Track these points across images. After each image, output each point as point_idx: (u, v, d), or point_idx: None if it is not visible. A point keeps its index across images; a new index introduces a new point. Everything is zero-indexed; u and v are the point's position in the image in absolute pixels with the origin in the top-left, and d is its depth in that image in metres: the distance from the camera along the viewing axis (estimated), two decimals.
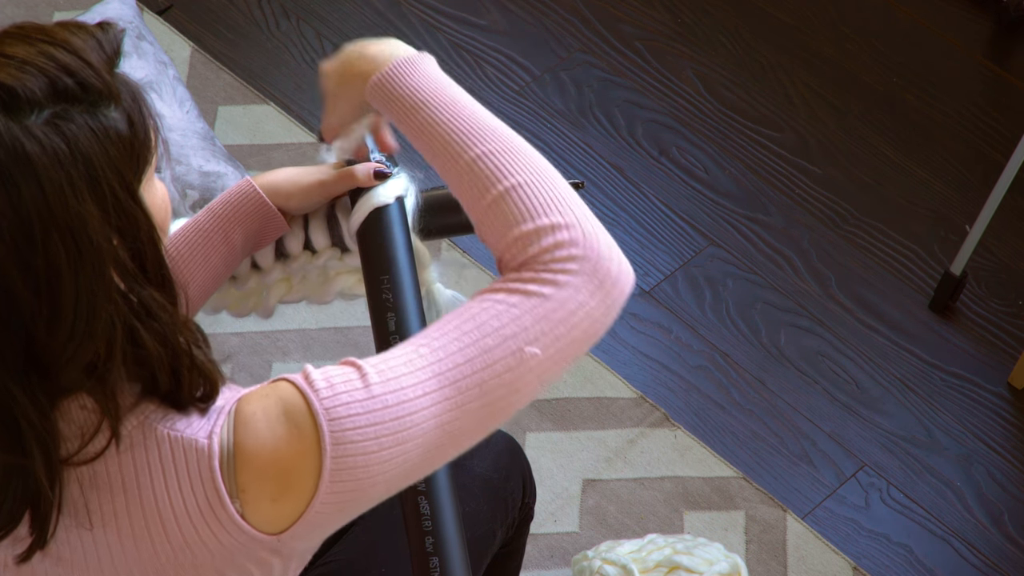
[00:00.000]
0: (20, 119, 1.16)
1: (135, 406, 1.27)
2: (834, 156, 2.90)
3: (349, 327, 2.61)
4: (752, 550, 2.42)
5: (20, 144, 1.16)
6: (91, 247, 1.19)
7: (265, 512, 1.27)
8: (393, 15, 3.06)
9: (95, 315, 1.20)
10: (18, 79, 1.17)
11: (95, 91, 1.20)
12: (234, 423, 1.27)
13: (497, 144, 1.36)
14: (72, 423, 1.26)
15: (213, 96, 2.89)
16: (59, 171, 1.17)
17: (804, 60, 3.03)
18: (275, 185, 1.64)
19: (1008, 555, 2.46)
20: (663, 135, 2.92)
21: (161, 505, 1.26)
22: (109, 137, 1.20)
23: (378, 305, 1.59)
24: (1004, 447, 2.57)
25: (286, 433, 1.26)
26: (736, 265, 2.75)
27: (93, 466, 1.27)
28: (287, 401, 1.27)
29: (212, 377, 1.30)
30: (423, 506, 1.53)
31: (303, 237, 1.69)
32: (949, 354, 2.67)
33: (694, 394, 2.60)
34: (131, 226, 1.22)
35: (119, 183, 1.20)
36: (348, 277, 1.73)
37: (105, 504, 1.27)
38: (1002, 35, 3.09)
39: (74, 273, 1.18)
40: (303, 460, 1.26)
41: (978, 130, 2.95)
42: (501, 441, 1.81)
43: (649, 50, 3.03)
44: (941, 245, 2.80)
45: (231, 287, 1.73)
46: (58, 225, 1.17)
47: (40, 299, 1.18)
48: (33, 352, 1.21)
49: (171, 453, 1.26)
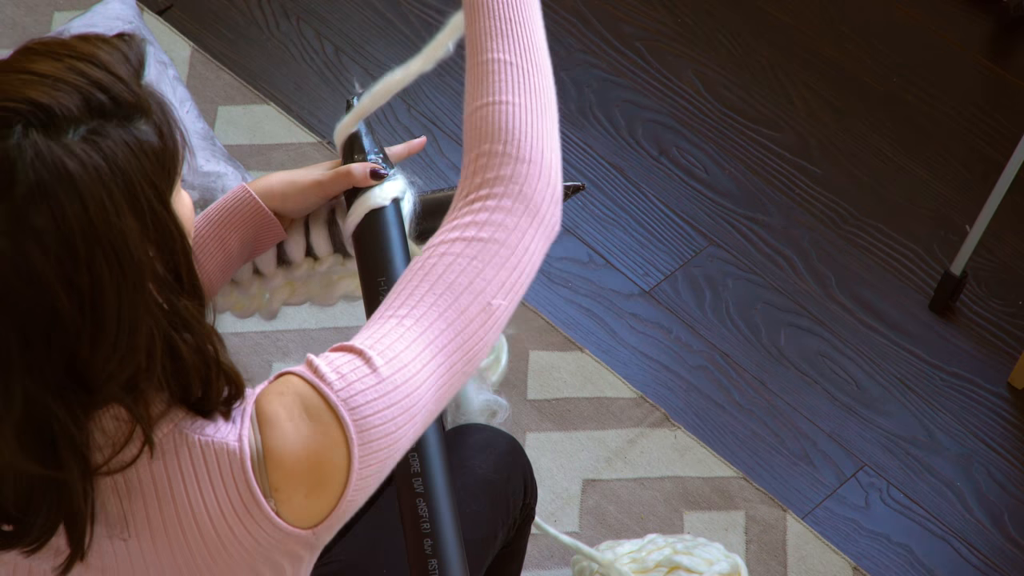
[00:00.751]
0: (59, 138, 1.17)
1: (165, 414, 1.28)
2: (834, 156, 2.91)
3: (349, 327, 2.61)
4: (752, 550, 2.42)
5: (62, 163, 1.16)
6: (132, 262, 1.19)
7: (299, 508, 1.28)
8: (393, 15, 3.06)
9: (137, 329, 1.21)
10: (53, 97, 1.17)
11: (128, 105, 1.20)
12: (259, 424, 1.29)
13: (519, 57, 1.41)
14: (104, 433, 1.26)
15: (213, 96, 2.89)
16: (100, 188, 1.17)
17: (804, 60, 3.03)
18: (270, 188, 1.65)
19: (1008, 555, 2.46)
20: (663, 135, 2.92)
21: (196, 509, 1.27)
22: (144, 151, 1.20)
23: (375, 307, 1.59)
24: (1004, 447, 2.57)
25: (311, 430, 1.27)
26: (736, 265, 2.76)
27: (126, 475, 1.27)
28: (304, 397, 1.28)
29: (239, 381, 1.31)
30: (421, 508, 1.53)
31: (305, 244, 1.69)
32: (949, 354, 2.67)
33: (694, 394, 2.60)
34: (167, 238, 1.23)
35: (155, 196, 1.21)
36: (351, 281, 1.73)
37: (139, 512, 1.28)
38: (1002, 35, 3.09)
39: (116, 288, 1.19)
40: (332, 453, 1.27)
41: (978, 130, 2.95)
42: (502, 442, 1.81)
43: (649, 50, 3.03)
44: (941, 245, 2.80)
45: (234, 292, 1.73)
46: (101, 241, 1.17)
47: (84, 316, 1.19)
48: (74, 369, 1.21)
49: (203, 457, 1.27)
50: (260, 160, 2.81)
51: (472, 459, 1.77)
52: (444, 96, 2.95)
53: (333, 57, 2.99)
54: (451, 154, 2.87)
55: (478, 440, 1.79)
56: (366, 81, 2.97)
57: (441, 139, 2.89)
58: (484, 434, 1.80)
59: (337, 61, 2.99)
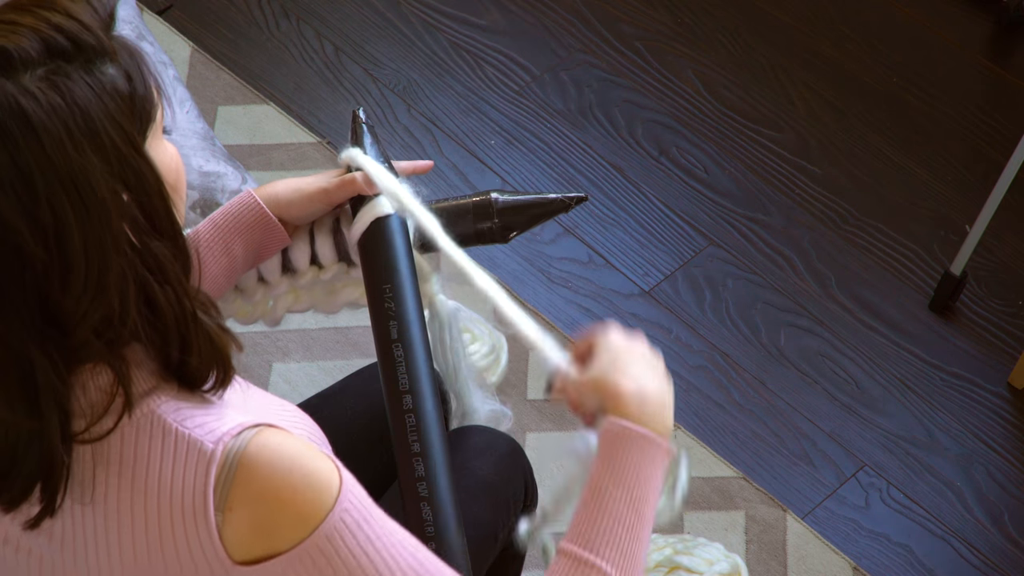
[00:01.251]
0: (15, 78, 1.19)
1: (152, 391, 1.28)
2: (834, 156, 2.91)
3: (349, 327, 2.61)
4: (752, 550, 2.43)
5: (15, 100, 1.18)
6: (95, 198, 1.20)
7: (241, 536, 1.28)
8: (393, 15, 3.06)
9: (107, 267, 1.22)
10: (11, 40, 1.19)
11: (89, 48, 1.22)
12: (251, 439, 1.28)
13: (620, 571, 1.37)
14: (86, 399, 1.27)
15: (213, 96, 2.89)
16: (56, 123, 1.19)
17: (804, 60, 3.03)
18: (276, 195, 1.66)
19: (1008, 555, 2.46)
20: (663, 135, 2.92)
21: (150, 496, 1.27)
22: (107, 92, 1.22)
23: (380, 314, 1.59)
24: (1004, 447, 2.57)
25: (301, 486, 1.27)
26: (736, 265, 2.76)
27: (101, 442, 1.28)
28: (324, 470, 1.29)
29: (223, 351, 1.31)
30: (425, 512, 1.53)
31: (309, 252, 1.70)
32: (949, 354, 2.67)
33: (694, 394, 2.60)
34: (137, 180, 1.23)
35: (120, 136, 1.22)
36: (355, 289, 1.73)
37: (102, 481, 1.28)
38: (1002, 35, 3.09)
39: (81, 224, 1.20)
40: (295, 521, 1.27)
41: (978, 130, 2.95)
42: (503, 444, 1.81)
43: (649, 50, 3.03)
44: (941, 245, 2.80)
45: (238, 298, 1.73)
46: (60, 176, 1.19)
47: (50, 253, 1.19)
48: (48, 310, 1.22)
49: (174, 447, 1.27)
50: (260, 160, 2.81)
51: (472, 461, 1.78)
52: (444, 96, 2.95)
53: (333, 57, 2.99)
54: (451, 154, 2.87)
55: (479, 442, 1.79)
56: (366, 81, 2.97)
57: (441, 139, 2.89)
58: (485, 436, 1.80)
59: (337, 61, 2.99)
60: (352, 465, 1.77)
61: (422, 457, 1.53)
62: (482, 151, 2.88)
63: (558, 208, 1.70)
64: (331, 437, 1.80)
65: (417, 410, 1.56)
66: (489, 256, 2.72)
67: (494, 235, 1.69)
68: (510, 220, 1.69)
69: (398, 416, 1.57)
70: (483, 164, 2.86)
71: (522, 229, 1.70)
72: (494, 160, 2.87)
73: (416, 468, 1.53)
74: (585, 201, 1.73)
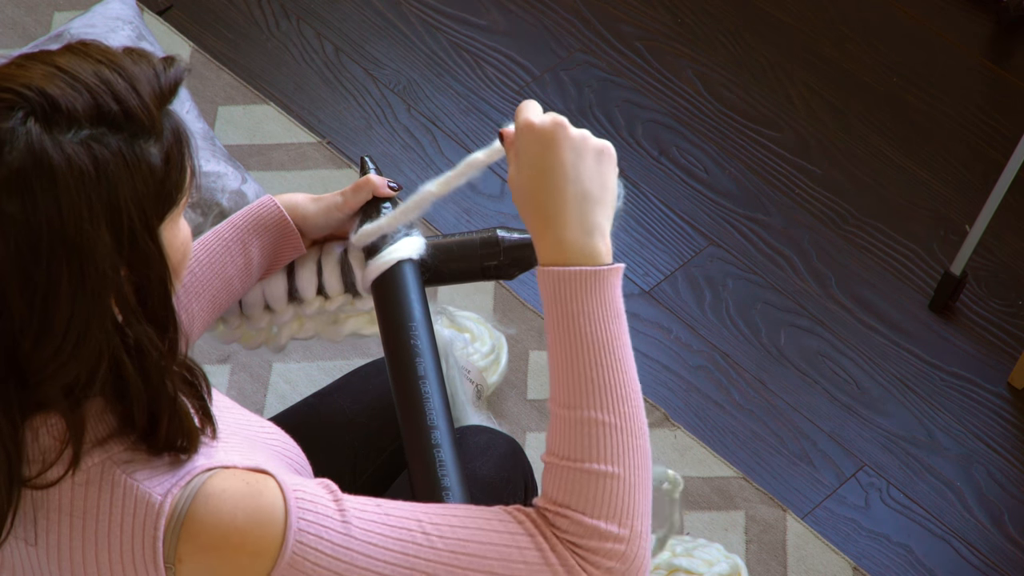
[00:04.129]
0: (56, 133, 1.15)
1: (104, 442, 1.26)
2: (834, 156, 2.91)
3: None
4: (752, 550, 2.42)
5: (47, 154, 1.15)
6: (95, 273, 1.17)
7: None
8: (393, 15, 3.06)
9: (85, 340, 1.19)
10: (64, 93, 1.16)
11: (138, 122, 1.19)
12: (199, 489, 1.26)
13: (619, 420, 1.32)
14: (37, 446, 1.25)
15: (213, 96, 2.89)
16: (80, 191, 1.15)
17: (804, 60, 3.03)
18: (294, 202, 1.66)
19: (1008, 555, 2.46)
20: (663, 135, 2.92)
21: (100, 548, 1.26)
22: (141, 171, 1.18)
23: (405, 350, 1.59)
24: (1004, 447, 2.57)
25: (247, 526, 1.25)
26: (736, 265, 2.76)
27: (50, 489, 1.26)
28: (267, 501, 1.26)
29: (191, 430, 1.28)
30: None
31: (316, 282, 1.71)
32: (949, 354, 2.67)
33: (694, 394, 2.60)
34: (142, 263, 1.21)
35: (140, 218, 1.19)
36: (359, 319, 1.75)
37: (52, 528, 1.27)
38: (1002, 35, 3.09)
39: (72, 295, 1.17)
40: (252, 560, 1.26)
41: (978, 130, 2.95)
42: (503, 444, 1.81)
43: (649, 50, 3.03)
44: (941, 245, 2.80)
45: (243, 324, 1.74)
46: (67, 244, 1.16)
47: (33, 312, 1.17)
48: (15, 360, 1.20)
49: (122, 500, 1.25)
50: (260, 160, 2.81)
51: (473, 461, 1.77)
52: (444, 96, 2.95)
53: (333, 57, 2.99)
54: (451, 154, 2.87)
55: (479, 442, 1.79)
56: (366, 81, 2.97)
57: (441, 139, 2.89)
58: (485, 436, 1.80)
59: (337, 61, 2.99)
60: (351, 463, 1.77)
61: (450, 492, 1.53)
62: None
63: None
64: (330, 435, 1.80)
65: (442, 444, 1.56)
66: None
67: (500, 272, 1.71)
68: (516, 257, 1.71)
69: (426, 451, 1.56)
70: None
71: (527, 268, 1.71)
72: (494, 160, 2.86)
73: (442, 478, 1.54)
74: None
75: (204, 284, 1.61)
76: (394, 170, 2.83)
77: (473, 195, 2.81)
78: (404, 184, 2.81)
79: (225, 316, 1.72)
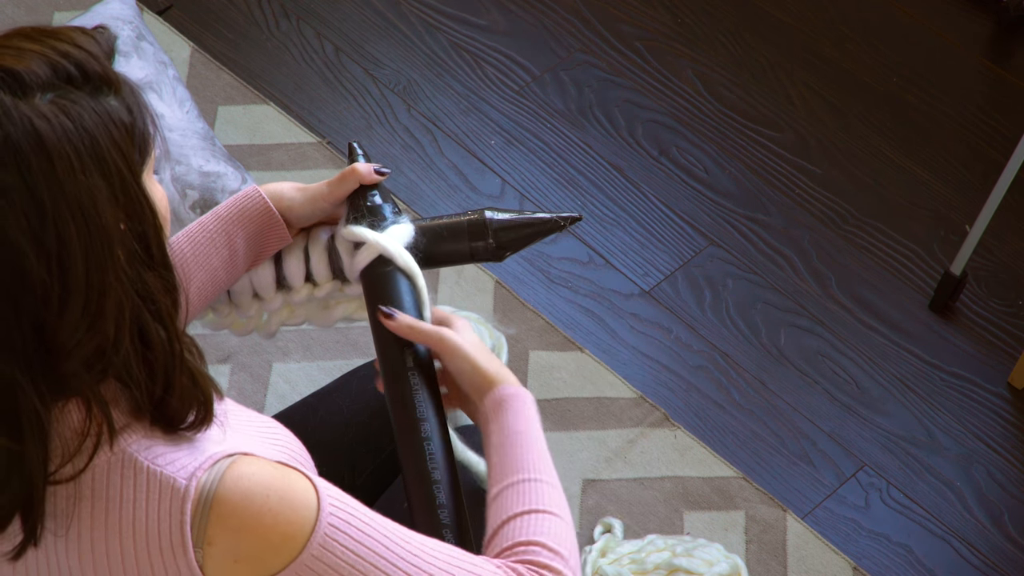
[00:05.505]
0: (27, 99, 1.20)
1: (123, 429, 1.28)
2: (834, 156, 2.91)
3: (348, 327, 2.61)
4: (752, 550, 2.42)
5: (30, 121, 1.19)
6: (99, 223, 1.21)
7: (225, 568, 1.28)
8: (393, 15, 3.06)
9: (105, 293, 1.22)
10: (22, 63, 1.21)
11: (96, 76, 1.24)
12: (225, 471, 1.28)
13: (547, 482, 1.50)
14: (59, 439, 1.26)
15: (213, 96, 2.89)
16: (66, 145, 1.20)
17: (804, 60, 3.03)
18: (280, 192, 1.67)
19: (1008, 555, 2.46)
20: (663, 135, 2.92)
21: (125, 535, 1.27)
22: (113, 121, 1.23)
23: (393, 343, 1.59)
24: (1004, 447, 2.57)
25: (280, 507, 1.28)
26: (736, 265, 2.76)
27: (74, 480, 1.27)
28: (298, 485, 1.30)
29: (207, 392, 1.31)
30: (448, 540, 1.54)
31: (304, 269, 1.70)
32: (949, 354, 2.67)
33: (694, 394, 2.60)
34: (137, 209, 1.25)
35: (124, 164, 1.23)
36: (349, 304, 1.74)
37: (80, 517, 1.28)
38: (1002, 35, 3.09)
39: (84, 249, 1.21)
40: (283, 540, 1.28)
41: (978, 130, 2.95)
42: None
43: (649, 50, 3.03)
44: (941, 245, 2.80)
45: (232, 312, 1.74)
46: (67, 199, 1.20)
47: (52, 276, 1.20)
48: (42, 338, 1.22)
49: (146, 486, 1.27)
50: (260, 160, 2.81)
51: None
52: (444, 96, 2.95)
53: (333, 57, 2.99)
54: (451, 154, 2.87)
55: (479, 442, 1.79)
56: (366, 81, 2.97)
57: (441, 139, 2.89)
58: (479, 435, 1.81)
59: (337, 61, 2.99)
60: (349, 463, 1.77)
61: (441, 484, 1.54)
62: (482, 151, 2.88)
63: (552, 228, 1.71)
64: (328, 435, 1.81)
65: (432, 438, 1.56)
66: None
67: (489, 254, 1.70)
68: (505, 239, 1.70)
69: (416, 444, 1.56)
70: (483, 164, 2.86)
71: (516, 248, 1.70)
72: (494, 160, 2.87)
73: (437, 496, 1.54)
74: (579, 221, 1.74)
75: (189, 275, 1.62)
76: (394, 170, 2.83)
77: (474, 195, 2.81)
78: (404, 184, 2.82)
79: (214, 304, 1.73)
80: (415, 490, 1.54)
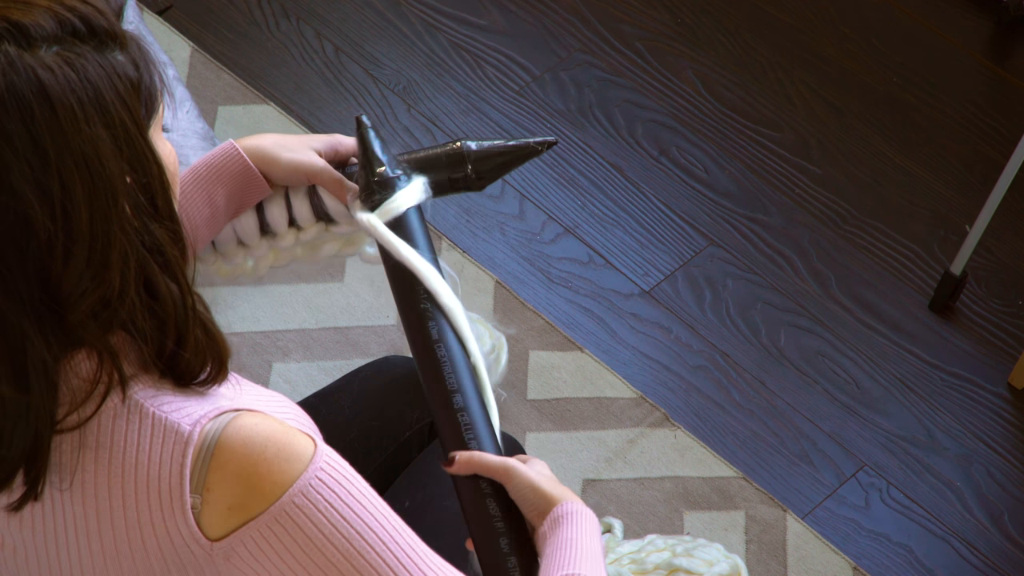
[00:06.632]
0: (32, 51, 1.21)
1: (132, 378, 1.29)
2: (834, 156, 2.91)
3: (349, 327, 2.61)
4: (752, 550, 2.42)
5: (33, 72, 1.20)
6: (103, 173, 1.22)
7: (218, 515, 1.29)
8: (393, 15, 3.06)
9: (110, 243, 1.23)
10: (28, 16, 1.22)
11: (102, 31, 1.25)
12: (229, 422, 1.29)
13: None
14: (67, 389, 1.27)
15: (213, 96, 2.89)
16: (71, 97, 1.21)
17: (804, 60, 3.03)
18: (260, 149, 1.67)
19: (1008, 555, 2.46)
20: (663, 135, 2.92)
21: (127, 478, 1.28)
22: (117, 75, 1.24)
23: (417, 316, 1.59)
24: (1004, 447, 2.57)
25: (275, 459, 1.28)
26: (736, 265, 2.76)
27: (80, 429, 1.28)
28: (299, 443, 1.30)
29: (221, 347, 1.32)
30: (492, 508, 1.54)
31: (287, 215, 1.70)
32: (949, 354, 2.67)
33: (694, 394, 2.60)
34: (141, 162, 1.25)
35: (128, 117, 1.24)
36: (335, 243, 1.74)
37: (83, 464, 1.29)
38: (1002, 35, 3.09)
39: (88, 197, 1.21)
40: (271, 489, 1.28)
41: (978, 130, 2.95)
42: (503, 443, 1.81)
43: (649, 50, 3.03)
44: (941, 245, 2.80)
45: (218, 260, 1.74)
46: (71, 148, 1.21)
47: (56, 224, 1.21)
48: (48, 287, 1.23)
49: (151, 430, 1.28)
50: None
51: None
52: (444, 96, 2.95)
53: (333, 57, 2.99)
54: None
55: None
56: (366, 81, 2.97)
57: (441, 139, 2.89)
58: None
59: (337, 61, 2.99)
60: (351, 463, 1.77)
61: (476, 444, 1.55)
62: None
63: (529, 153, 1.72)
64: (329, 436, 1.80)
65: (467, 408, 1.56)
66: (489, 256, 2.73)
67: (468, 183, 1.70)
68: (483, 167, 1.70)
69: (450, 417, 1.56)
70: None
71: (494, 177, 1.71)
72: None
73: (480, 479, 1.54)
74: (555, 145, 1.74)
75: None
76: None
77: (474, 194, 2.81)
78: None
79: (200, 255, 1.72)
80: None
